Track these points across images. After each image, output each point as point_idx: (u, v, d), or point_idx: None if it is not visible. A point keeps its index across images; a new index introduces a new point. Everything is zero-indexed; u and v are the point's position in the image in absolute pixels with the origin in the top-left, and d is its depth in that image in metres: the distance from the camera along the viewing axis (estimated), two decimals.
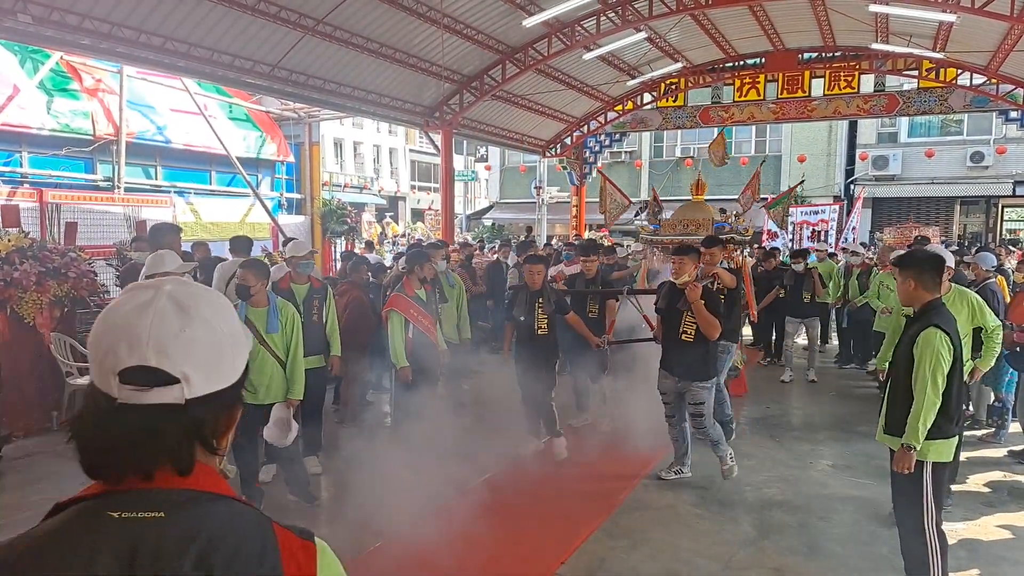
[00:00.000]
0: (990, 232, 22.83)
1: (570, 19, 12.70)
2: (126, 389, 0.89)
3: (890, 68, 14.94)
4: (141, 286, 0.97)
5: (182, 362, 0.91)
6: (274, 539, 0.93)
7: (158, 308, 0.93)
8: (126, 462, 0.90)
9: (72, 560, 0.85)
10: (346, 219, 18.03)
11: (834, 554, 4.33)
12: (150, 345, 0.90)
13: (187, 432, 0.92)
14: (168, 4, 8.92)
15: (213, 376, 0.94)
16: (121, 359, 0.90)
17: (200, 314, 0.95)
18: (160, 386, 0.90)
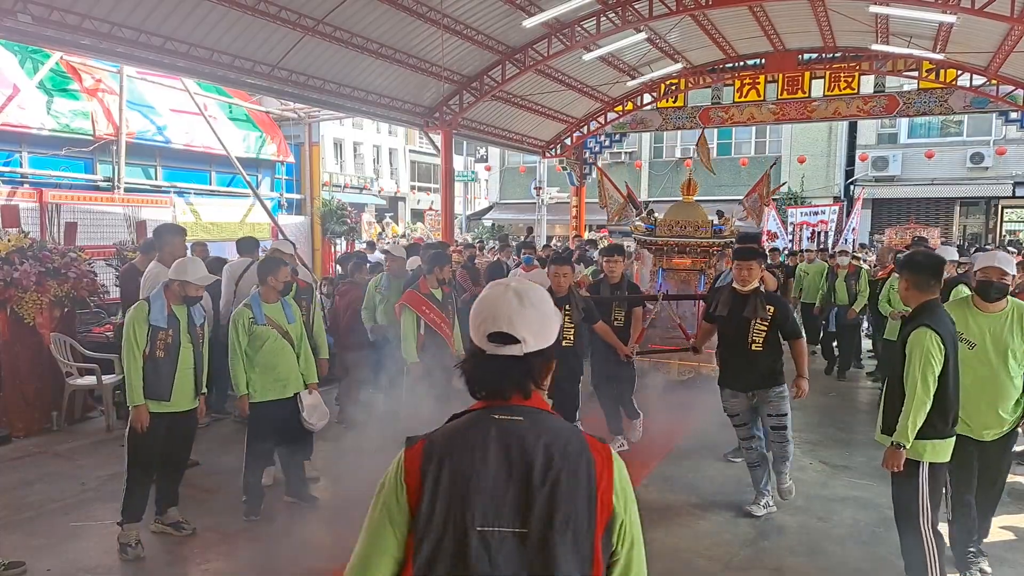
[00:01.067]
0: (990, 233, 22.83)
1: (570, 20, 12.70)
2: (491, 345, 1.43)
3: (890, 69, 14.94)
4: (498, 283, 1.52)
5: (522, 329, 1.42)
6: (584, 439, 1.44)
7: (507, 297, 1.45)
8: (494, 388, 1.45)
9: (477, 440, 1.39)
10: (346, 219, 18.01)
11: (834, 554, 4.33)
12: (504, 319, 1.42)
13: (525, 372, 1.44)
14: (168, 4, 8.92)
15: (540, 338, 1.45)
16: (489, 327, 1.43)
17: (530, 300, 1.45)
18: (510, 344, 1.42)
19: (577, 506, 1.34)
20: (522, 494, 1.34)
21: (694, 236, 7.71)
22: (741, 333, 4.69)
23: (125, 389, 4.33)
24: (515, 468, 1.36)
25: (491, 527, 1.33)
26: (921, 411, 3.35)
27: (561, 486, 1.34)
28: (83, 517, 4.73)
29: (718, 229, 7.80)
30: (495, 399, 1.44)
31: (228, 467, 5.04)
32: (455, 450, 1.38)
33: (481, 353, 1.45)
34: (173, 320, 4.28)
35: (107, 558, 4.21)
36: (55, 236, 10.15)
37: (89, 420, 7.03)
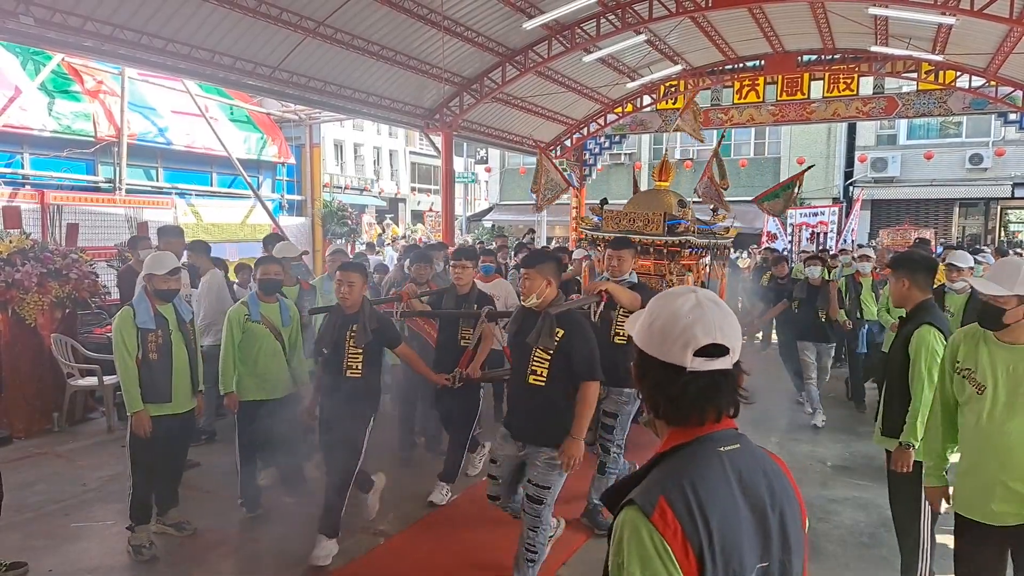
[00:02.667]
0: (989, 234, 22.85)
1: (570, 21, 12.72)
2: (699, 360, 1.27)
3: (889, 70, 14.96)
4: (680, 291, 1.36)
5: (731, 338, 1.30)
6: (770, 457, 1.39)
7: (706, 304, 1.31)
8: (710, 410, 1.30)
9: (721, 482, 1.26)
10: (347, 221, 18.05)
11: (834, 555, 4.34)
12: (716, 328, 1.28)
13: (734, 385, 1.33)
14: (170, 6, 8.94)
15: (739, 348, 1.33)
16: (698, 339, 1.27)
17: (726, 307, 1.34)
18: (721, 356, 1.29)
19: (799, 527, 1.36)
20: (761, 527, 1.29)
21: (643, 232, 6.05)
22: (522, 362, 3.61)
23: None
24: (753, 502, 1.29)
25: (757, 567, 1.28)
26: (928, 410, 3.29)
27: (787, 512, 1.33)
28: (84, 518, 4.75)
29: (673, 224, 6.03)
30: (704, 424, 1.31)
31: (228, 467, 5.05)
32: (710, 502, 1.23)
33: (681, 371, 1.28)
34: (161, 320, 4.24)
35: (109, 558, 4.22)
36: (56, 237, 10.17)
37: (90, 421, 7.05)
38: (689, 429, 1.31)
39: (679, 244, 6.00)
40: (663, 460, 1.31)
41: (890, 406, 3.54)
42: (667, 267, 6.13)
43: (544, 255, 3.84)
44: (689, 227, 6.00)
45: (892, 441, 3.52)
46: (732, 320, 1.32)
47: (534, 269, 3.54)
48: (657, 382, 1.32)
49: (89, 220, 10.81)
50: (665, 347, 1.29)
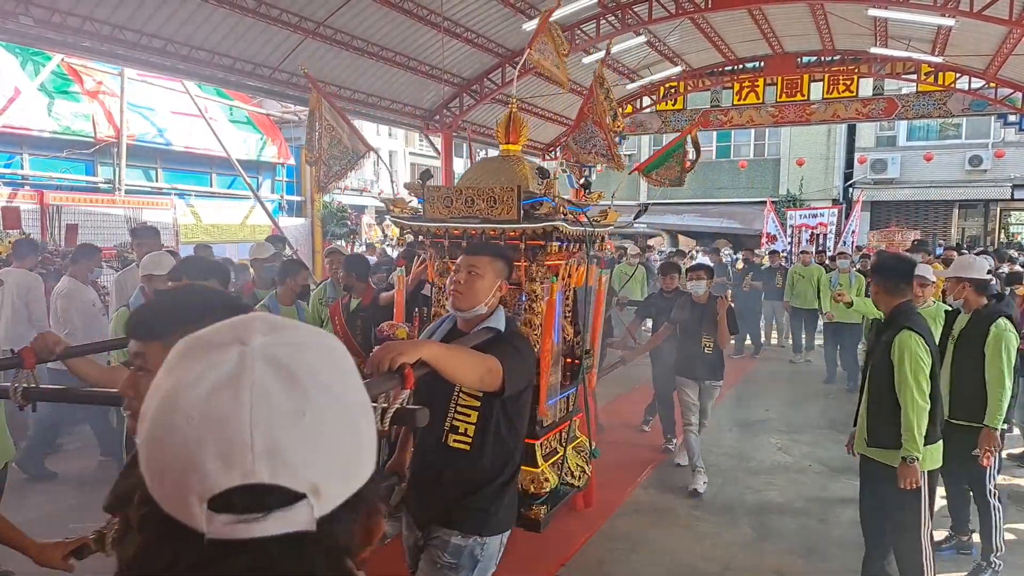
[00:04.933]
0: (988, 236, 22.86)
1: (570, 23, 12.73)
2: (223, 521, 0.57)
3: (889, 72, 14.98)
4: (211, 343, 0.63)
5: (308, 466, 0.59)
6: None
7: (255, 382, 0.59)
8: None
9: None
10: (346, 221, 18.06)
11: (833, 556, 4.34)
12: (257, 449, 0.58)
13: (322, 567, 0.61)
14: (169, 7, 8.94)
15: (351, 474, 0.64)
16: (213, 478, 0.57)
17: (319, 381, 0.62)
18: (279, 508, 0.58)
19: None
20: None
21: (487, 217, 3.88)
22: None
23: None
24: None
25: None
26: (924, 417, 3.26)
27: None
28: (82, 520, 4.74)
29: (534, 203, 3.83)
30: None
31: None
32: None
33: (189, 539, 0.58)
34: None
35: (107, 560, 4.21)
36: (56, 238, 10.17)
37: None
38: None
39: (543, 235, 3.81)
40: None
41: (876, 415, 3.44)
42: (525, 272, 3.98)
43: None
44: (557, 208, 3.83)
45: (884, 452, 3.41)
46: (322, 415, 0.61)
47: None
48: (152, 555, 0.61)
49: (88, 221, 10.82)
50: (155, 485, 0.61)
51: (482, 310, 2.45)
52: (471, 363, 2.07)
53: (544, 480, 3.96)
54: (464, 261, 2.52)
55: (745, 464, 6.07)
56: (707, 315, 5.42)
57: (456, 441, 2.42)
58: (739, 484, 5.58)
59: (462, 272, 2.47)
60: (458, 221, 3.94)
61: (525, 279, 3.98)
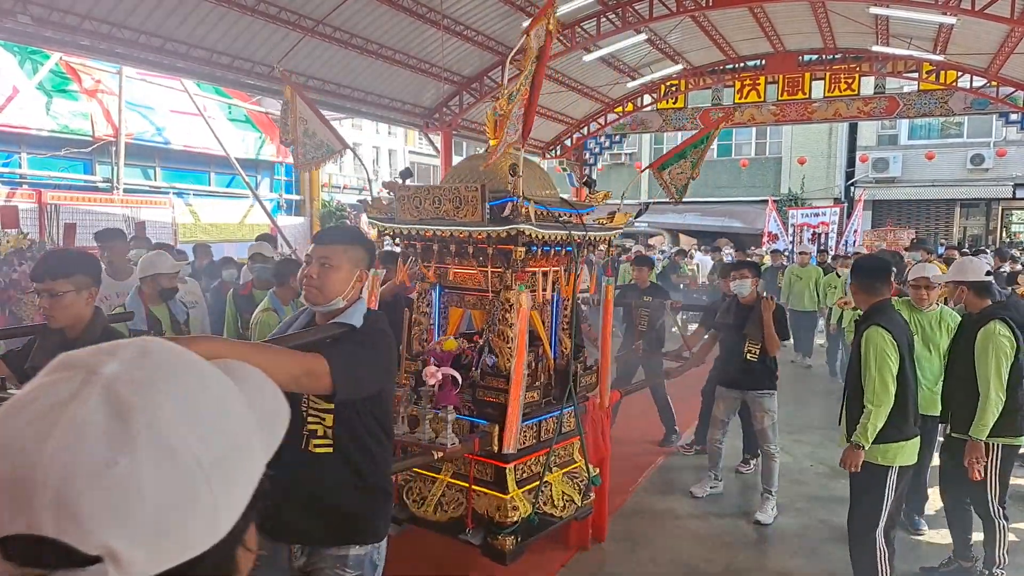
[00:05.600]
0: (990, 235, 22.82)
1: (570, 21, 12.69)
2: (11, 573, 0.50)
3: (890, 70, 14.94)
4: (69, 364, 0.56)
5: (104, 527, 0.50)
6: None
7: (77, 416, 0.51)
8: None
9: None
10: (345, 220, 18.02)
11: (835, 556, 4.30)
12: (48, 494, 0.49)
13: None
14: (167, 5, 8.91)
15: (175, 542, 0.53)
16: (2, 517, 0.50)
17: (158, 427, 0.53)
18: (64, 569, 0.49)
19: None
20: None
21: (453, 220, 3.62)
22: None
23: None
24: None
25: None
26: (882, 412, 3.30)
27: None
28: None
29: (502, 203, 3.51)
30: None
31: None
32: None
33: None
34: (153, 320, 4.19)
35: None
36: (54, 237, 10.14)
37: None
38: None
39: (507, 238, 3.47)
40: None
41: (852, 410, 3.46)
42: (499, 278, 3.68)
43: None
44: (517, 207, 3.41)
45: None
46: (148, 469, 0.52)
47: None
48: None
49: (87, 220, 10.78)
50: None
51: (339, 303, 2.26)
52: (277, 364, 1.77)
53: (512, 508, 3.55)
54: (316, 252, 2.32)
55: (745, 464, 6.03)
56: (752, 318, 4.89)
57: (318, 446, 2.23)
58: (740, 484, 5.55)
59: (314, 265, 2.28)
60: (427, 223, 3.70)
61: (500, 286, 3.67)
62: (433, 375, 3.34)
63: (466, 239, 3.59)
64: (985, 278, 3.96)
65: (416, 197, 3.77)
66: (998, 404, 3.62)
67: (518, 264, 3.54)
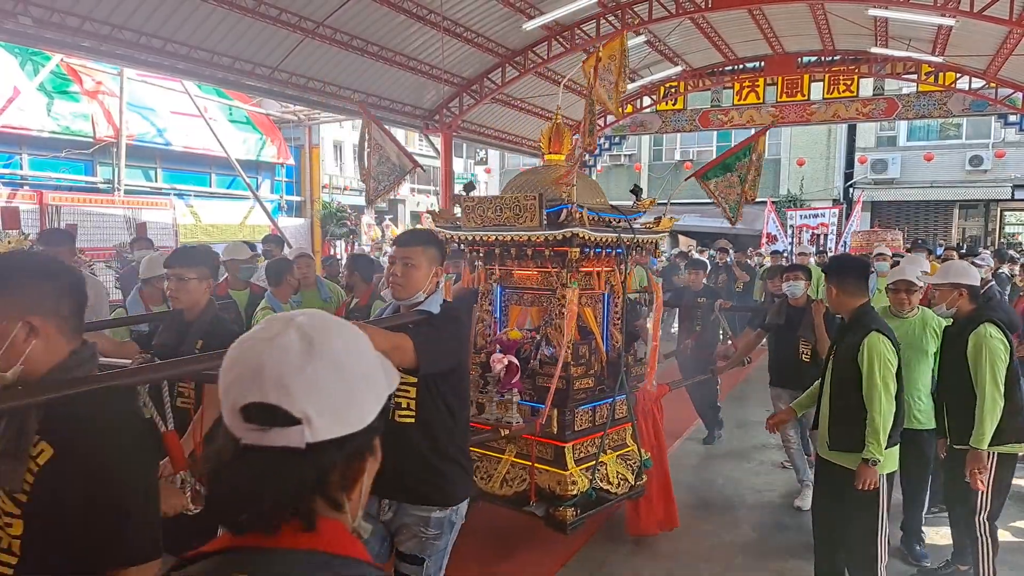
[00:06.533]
0: (989, 236, 22.85)
1: (570, 22, 12.72)
2: (246, 428, 0.84)
3: (889, 72, 14.97)
4: (275, 318, 0.92)
5: (304, 401, 0.84)
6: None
7: (283, 342, 0.87)
8: (248, 511, 0.83)
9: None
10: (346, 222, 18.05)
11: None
12: (270, 380, 0.84)
13: (308, 481, 0.84)
14: (168, 6, 8.93)
15: (339, 419, 0.86)
16: (244, 394, 0.85)
17: (329, 350, 0.88)
18: (280, 426, 0.83)
19: None
20: None
21: (515, 226, 4.02)
22: None
23: None
24: None
25: None
26: (889, 421, 3.19)
27: None
28: None
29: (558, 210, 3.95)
30: (247, 534, 0.85)
31: None
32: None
33: (233, 444, 0.86)
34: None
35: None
36: None
37: None
38: (234, 534, 0.86)
39: (563, 241, 3.85)
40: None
41: (840, 418, 3.35)
42: (556, 277, 4.07)
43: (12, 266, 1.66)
44: (571, 213, 3.82)
45: (845, 456, 3.33)
46: (331, 373, 0.87)
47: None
48: (212, 457, 0.89)
49: (88, 221, 10.80)
50: (223, 405, 0.89)
51: (420, 297, 2.57)
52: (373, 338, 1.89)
53: (572, 483, 3.93)
54: (398, 253, 2.62)
55: (746, 464, 6.05)
56: (805, 320, 4.99)
57: (402, 416, 2.51)
58: (740, 485, 5.56)
59: (398, 265, 2.59)
60: (490, 230, 4.12)
61: (557, 284, 4.09)
62: (499, 361, 3.69)
63: (525, 243, 3.99)
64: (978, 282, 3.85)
65: (479, 206, 4.23)
66: (996, 410, 3.50)
67: (573, 264, 3.96)
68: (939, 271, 4.11)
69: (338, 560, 0.85)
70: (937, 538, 4.51)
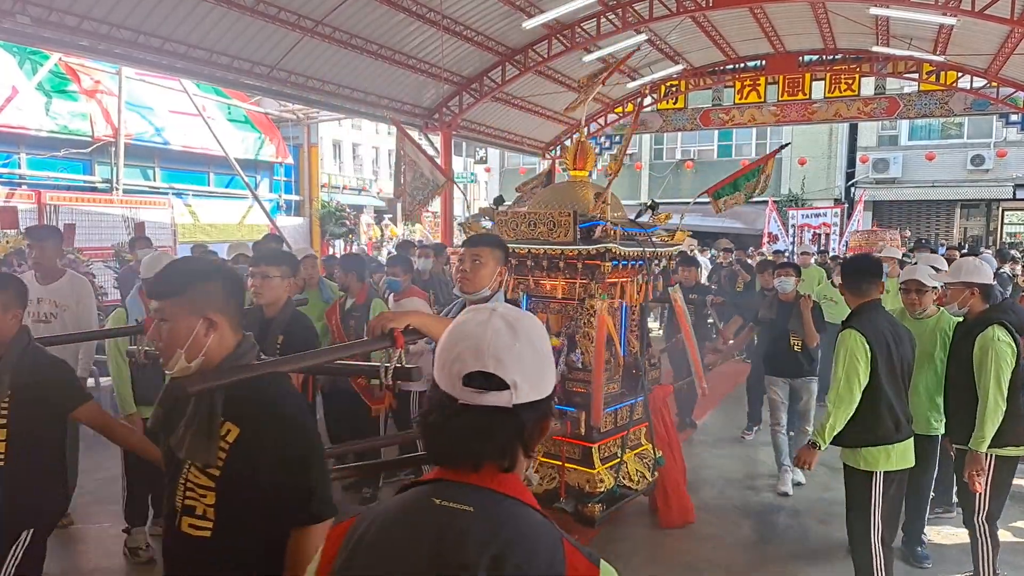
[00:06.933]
0: (990, 236, 22.82)
1: (570, 21, 12.68)
2: (467, 391, 1.06)
3: (891, 71, 14.94)
4: (477, 308, 1.15)
5: (513, 371, 1.06)
6: (563, 555, 1.03)
7: (494, 325, 1.09)
8: (462, 453, 1.08)
9: (400, 535, 1.06)
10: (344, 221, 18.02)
11: (836, 558, 4.29)
12: (490, 354, 1.06)
13: (513, 433, 1.08)
14: (167, 5, 8.89)
15: (536, 386, 1.09)
16: (467, 365, 1.06)
17: (526, 333, 1.11)
18: (495, 390, 1.06)
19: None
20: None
21: (548, 239, 4.32)
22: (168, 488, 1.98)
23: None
24: (443, 562, 1.01)
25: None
26: (843, 412, 3.29)
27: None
28: (81, 520, 4.69)
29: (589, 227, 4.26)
30: (453, 468, 1.09)
31: None
32: (375, 539, 1.07)
33: (451, 403, 1.08)
34: None
35: (105, 560, 4.18)
36: None
37: None
38: (443, 471, 1.10)
39: (596, 255, 4.13)
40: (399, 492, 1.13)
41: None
42: (584, 288, 4.35)
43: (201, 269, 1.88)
44: (607, 230, 4.15)
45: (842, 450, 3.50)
46: (526, 350, 1.09)
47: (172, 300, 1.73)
48: (427, 411, 1.12)
49: (86, 220, 10.78)
50: (442, 373, 1.10)
51: (485, 292, 2.88)
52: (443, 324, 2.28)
53: (599, 481, 4.21)
54: (468, 252, 2.94)
55: (747, 466, 6.03)
56: (794, 313, 5.39)
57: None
58: (741, 485, 5.54)
59: (467, 262, 2.91)
60: (523, 243, 4.35)
61: (586, 295, 4.34)
62: None
63: (558, 256, 4.26)
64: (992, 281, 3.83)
65: (513, 220, 4.50)
66: (998, 412, 3.47)
67: (603, 276, 4.23)
68: (951, 270, 4.07)
69: (511, 500, 1.07)
70: (939, 539, 4.48)
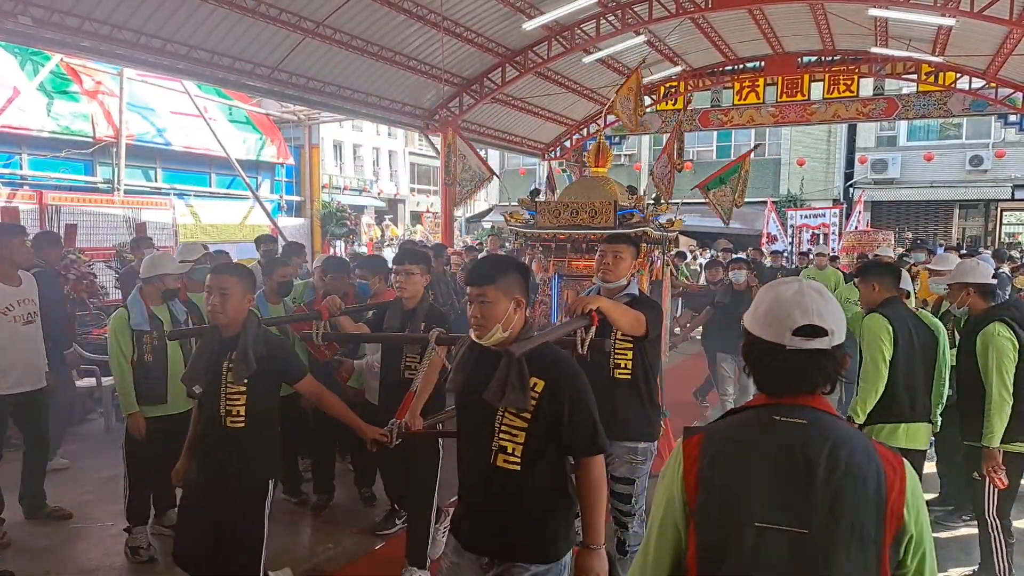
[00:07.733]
0: (989, 236, 22.85)
1: (570, 22, 12.72)
2: (797, 339, 1.42)
3: (889, 72, 14.97)
4: (784, 281, 1.52)
5: (830, 322, 1.44)
6: (874, 448, 1.42)
7: (809, 293, 1.46)
8: (801, 383, 1.45)
9: (756, 437, 1.45)
10: (345, 221, 18.04)
11: None
12: (815, 312, 1.43)
13: (833, 366, 1.45)
14: (168, 6, 8.92)
15: (840, 332, 1.46)
16: (796, 320, 1.42)
17: (829, 296, 1.48)
18: (819, 337, 1.42)
19: (864, 515, 1.34)
20: (803, 497, 1.35)
21: (589, 225, 5.04)
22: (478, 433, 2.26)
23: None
24: (796, 471, 1.37)
25: (771, 524, 1.35)
26: (872, 388, 3.53)
27: (846, 493, 1.35)
28: (83, 519, 4.72)
29: (625, 214, 5.06)
30: (783, 395, 1.46)
31: None
32: (732, 446, 1.45)
33: (780, 349, 1.44)
34: (156, 321, 4.18)
35: (107, 559, 4.20)
36: None
37: (88, 422, 7.02)
38: (772, 398, 1.48)
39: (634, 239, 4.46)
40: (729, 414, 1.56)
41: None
42: None
43: (506, 263, 2.37)
44: (646, 218, 5.06)
45: None
46: (833, 307, 1.47)
47: (493, 286, 2.20)
48: (759, 358, 1.49)
49: (87, 221, 10.78)
50: (769, 328, 1.46)
51: (622, 282, 3.40)
52: (628, 314, 3.07)
53: None
54: (609, 248, 3.43)
55: None
56: (745, 301, 5.76)
57: (620, 374, 3.40)
58: None
59: (608, 256, 3.40)
60: (565, 228, 5.11)
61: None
62: None
63: (597, 239, 4.78)
64: (991, 280, 3.87)
65: (556, 209, 5.22)
66: (1005, 407, 3.50)
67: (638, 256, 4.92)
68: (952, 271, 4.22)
69: (823, 414, 1.44)
70: (940, 535, 4.50)
